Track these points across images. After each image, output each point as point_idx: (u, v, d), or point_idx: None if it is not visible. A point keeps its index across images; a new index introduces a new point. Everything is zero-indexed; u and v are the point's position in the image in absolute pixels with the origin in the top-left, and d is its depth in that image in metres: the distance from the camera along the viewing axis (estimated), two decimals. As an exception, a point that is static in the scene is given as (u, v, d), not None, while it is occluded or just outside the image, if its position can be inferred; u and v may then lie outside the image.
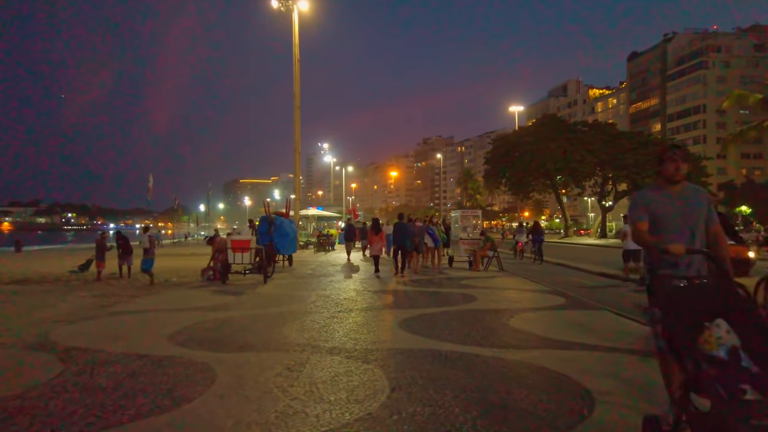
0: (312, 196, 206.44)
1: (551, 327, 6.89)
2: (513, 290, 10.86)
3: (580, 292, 10.88)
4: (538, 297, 9.84)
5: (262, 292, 10.82)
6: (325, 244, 28.70)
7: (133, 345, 5.92)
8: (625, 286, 12.44)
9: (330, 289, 11.16)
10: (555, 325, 7.07)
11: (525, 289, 10.93)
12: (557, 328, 6.84)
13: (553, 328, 6.78)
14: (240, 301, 9.59)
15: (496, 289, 10.97)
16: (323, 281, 12.93)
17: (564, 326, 6.97)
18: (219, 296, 10.27)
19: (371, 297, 9.93)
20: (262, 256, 12.99)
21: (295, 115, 32.25)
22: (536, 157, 49.51)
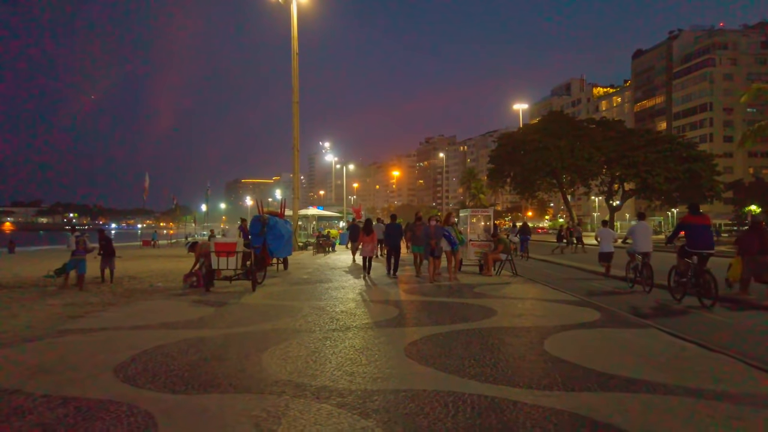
0: (314, 196, 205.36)
1: (598, 354, 5.53)
2: (535, 300, 9.49)
3: (610, 301, 9.50)
4: (567, 309, 8.47)
5: (247, 303, 9.48)
6: (324, 245, 27.37)
7: (65, 382, 4.58)
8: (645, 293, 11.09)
9: (326, 299, 9.82)
10: (601, 350, 5.71)
11: (548, 299, 9.56)
12: (605, 355, 5.49)
13: (601, 356, 5.42)
14: (219, 314, 8.24)
15: (516, 299, 9.60)
16: (319, 288, 11.59)
17: (613, 352, 5.61)
18: (197, 308, 8.94)
19: (373, 309, 8.58)
20: (251, 260, 11.66)
21: (294, 111, 30.98)
22: (543, 155, 48.08)
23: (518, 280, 13.24)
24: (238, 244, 10.85)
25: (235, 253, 10.79)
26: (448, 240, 12.68)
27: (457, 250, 13.24)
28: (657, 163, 44.20)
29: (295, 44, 31.10)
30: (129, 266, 19.53)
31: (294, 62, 31.07)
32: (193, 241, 12.37)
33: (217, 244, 10.85)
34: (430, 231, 12.42)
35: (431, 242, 12.27)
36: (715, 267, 9.30)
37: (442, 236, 12.47)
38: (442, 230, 12.66)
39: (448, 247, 12.80)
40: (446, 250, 12.74)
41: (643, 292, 10.81)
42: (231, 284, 11.62)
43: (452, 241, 12.91)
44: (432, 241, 12.26)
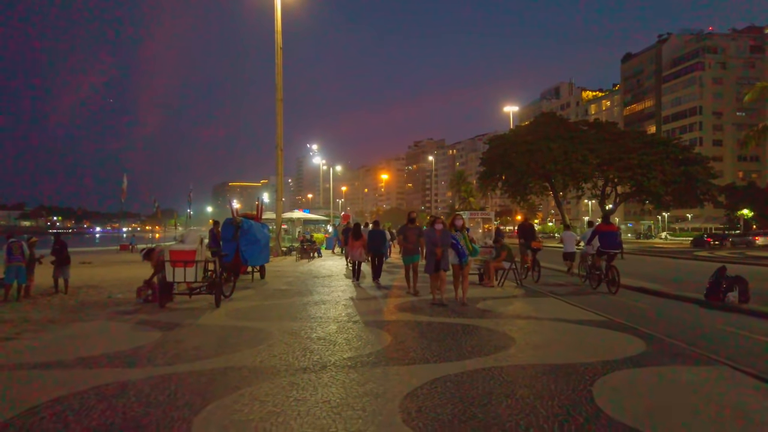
0: (302, 199, 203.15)
1: (673, 411, 3.91)
2: (554, 321, 7.86)
3: (646, 322, 7.92)
4: (599, 335, 6.87)
5: (205, 325, 7.75)
6: (309, 251, 25.64)
7: None
8: (686, 308, 9.56)
9: (302, 318, 8.13)
10: (674, 405, 4.09)
11: (570, 320, 7.94)
12: (683, 412, 3.87)
13: (679, 414, 3.81)
14: (163, 342, 6.51)
15: (531, 319, 7.97)
16: (296, 303, 9.89)
17: (694, 410, 4.00)
18: (140, 332, 7.20)
19: (358, 335, 6.90)
20: (217, 269, 9.92)
21: (278, 109, 29.28)
22: (535, 157, 46.71)
23: (524, 291, 11.64)
24: (198, 252, 9.10)
25: (194, 263, 9.05)
26: (455, 250, 9.62)
27: (467, 264, 9.72)
28: (653, 166, 43.06)
29: (278, 38, 29.46)
30: (96, 273, 17.71)
31: (278, 57, 29.41)
32: (149, 248, 10.59)
33: (172, 252, 9.09)
34: (435, 237, 9.46)
35: (436, 251, 9.36)
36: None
37: (449, 244, 9.56)
38: (449, 236, 9.70)
39: (455, 261, 9.65)
40: (453, 263, 9.67)
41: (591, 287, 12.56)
42: (191, 299, 9.86)
43: (461, 252, 9.59)
44: (438, 249, 9.37)
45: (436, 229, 9.56)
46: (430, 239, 9.53)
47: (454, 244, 9.58)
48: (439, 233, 9.51)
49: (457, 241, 9.57)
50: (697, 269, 19.16)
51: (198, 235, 9.62)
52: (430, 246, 9.47)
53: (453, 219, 9.96)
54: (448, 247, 9.50)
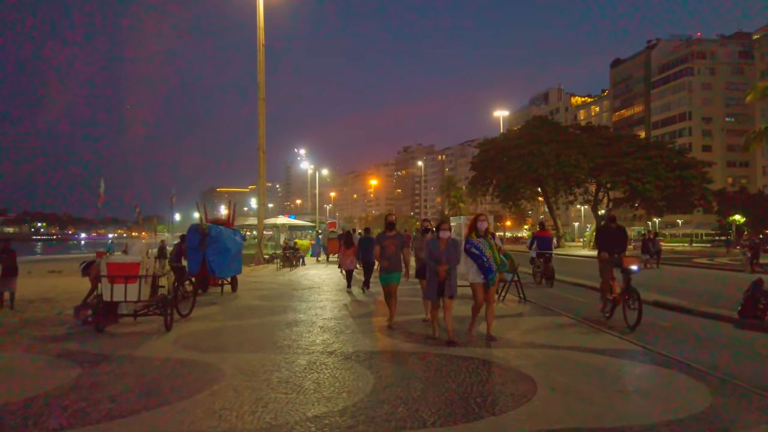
0: (290, 205, 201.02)
1: None
2: (578, 351, 6.36)
3: (691, 353, 6.49)
4: (641, 374, 5.41)
5: (141, 358, 6.17)
6: (291, 259, 24.02)
7: None
8: (723, 330, 8.17)
9: (267, 347, 6.58)
10: None
11: (597, 349, 6.46)
12: None
13: None
14: (73, 388, 4.93)
15: (548, 349, 6.48)
16: (266, 325, 8.34)
17: None
18: (52, 369, 5.62)
19: (332, 374, 5.37)
20: (170, 285, 8.36)
21: (260, 108, 27.78)
22: (527, 162, 45.66)
23: (530, 308, 10.18)
24: (142, 265, 7.51)
25: (137, 278, 7.46)
26: (477, 263, 6.79)
27: (494, 283, 6.94)
28: (647, 170, 42.14)
29: (260, 34, 27.99)
30: (59, 284, 15.99)
31: (260, 54, 27.97)
32: (89, 261, 8.95)
33: (110, 265, 7.49)
34: (439, 249, 6.80)
35: (440, 270, 6.65)
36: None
37: (458, 258, 6.88)
38: (458, 249, 6.98)
39: (478, 278, 6.81)
40: (474, 282, 6.86)
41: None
42: (136, 321, 8.25)
43: (486, 267, 6.75)
44: (441, 267, 6.65)
45: (440, 237, 6.89)
46: (431, 252, 6.82)
47: (477, 255, 6.78)
48: (445, 244, 6.82)
49: (480, 252, 6.76)
50: (704, 277, 17.90)
51: (143, 245, 8.03)
52: (431, 262, 6.80)
53: (475, 220, 7.09)
54: (456, 265, 6.82)
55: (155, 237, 40.44)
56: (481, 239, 6.91)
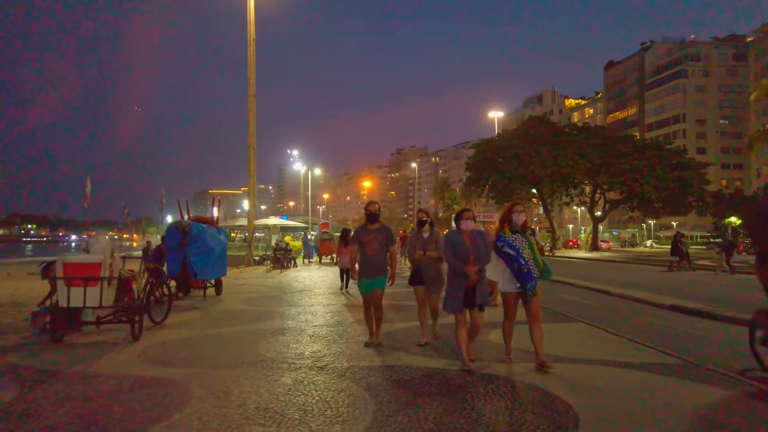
0: (283, 207, 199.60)
1: None
2: (613, 367, 5.46)
3: (735, 366, 5.61)
4: (696, 394, 4.52)
5: (96, 375, 5.18)
6: (282, 260, 23.01)
7: None
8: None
9: (247, 362, 5.62)
10: None
11: (631, 363, 5.54)
12: None
13: None
14: (7, 413, 3.98)
15: (576, 363, 5.56)
16: (249, 333, 7.38)
17: None
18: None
19: (322, 398, 4.43)
20: (139, 288, 7.38)
21: (250, 105, 26.83)
22: (524, 162, 44.93)
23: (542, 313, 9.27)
24: (105, 265, 6.52)
25: (99, 280, 6.47)
26: (512, 266, 5.22)
27: (535, 293, 5.22)
28: (645, 171, 41.51)
29: (251, 28, 27.05)
30: (36, 286, 14.80)
31: (250, 49, 27.01)
32: (50, 261, 7.94)
33: (68, 265, 6.50)
34: (464, 245, 5.22)
35: (469, 270, 5.05)
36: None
37: (489, 255, 5.30)
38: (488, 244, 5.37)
39: (511, 286, 5.30)
40: (506, 291, 5.36)
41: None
42: (100, 330, 7.25)
43: (525, 273, 5.17)
44: (470, 268, 5.06)
45: (462, 229, 5.29)
46: (454, 249, 5.18)
47: (511, 256, 5.13)
48: (470, 238, 5.23)
49: (516, 252, 5.13)
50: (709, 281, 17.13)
51: (108, 242, 7.04)
52: (455, 262, 5.17)
53: (509, 212, 5.38)
54: (485, 266, 5.23)
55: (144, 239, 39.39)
56: (516, 235, 5.25)
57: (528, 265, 5.14)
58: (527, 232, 5.33)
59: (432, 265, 6.44)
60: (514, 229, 5.33)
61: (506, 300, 5.39)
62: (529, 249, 5.20)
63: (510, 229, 5.33)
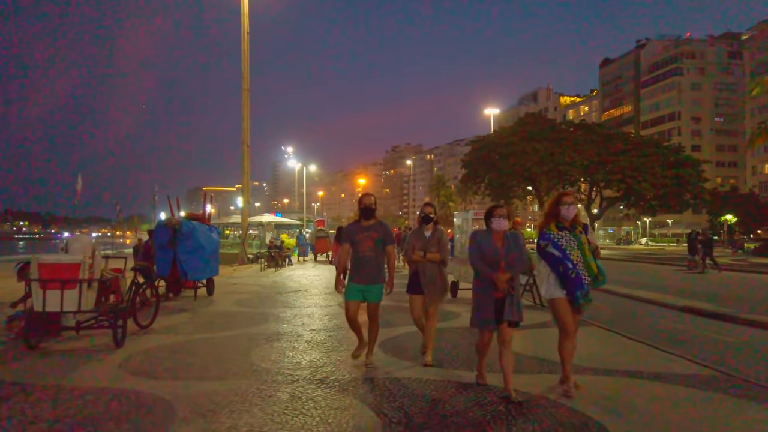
0: (277, 204, 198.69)
1: None
2: (641, 378, 5.00)
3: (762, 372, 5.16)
4: (751, 417, 4.05)
5: (69, 390, 4.65)
6: (276, 258, 22.48)
7: None
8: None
9: (237, 372, 5.12)
10: None
11: (665, 374, 5.09)
12: None
13: None
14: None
15: (601, 374, 5.09)
16: (241, 338, 6.87)
17: None
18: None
19: (323, 419, 3.94)
20: (124, 289, 6.85)
21: (244, 100, 26.23)
22: (521, 160, 44.50)
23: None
24: (83, 266, 5.99)
25: (78, 283, 5.94)
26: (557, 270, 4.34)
27: (589, 301, 4.32)
28: (643, 168, 41.19)
29: (245, 21, 26.46)
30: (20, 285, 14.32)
31: (244, 43, 26.41)
32: (26, 261, 7.38)
33: (43, 266, 5.96)
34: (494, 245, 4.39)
35: (498, 279, 4.25)
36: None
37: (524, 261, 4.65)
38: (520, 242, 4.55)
39: (558, 292, 4.37)
40: (553, 297, 4.41)
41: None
42: (80, 335, 6.72)
43: (573, 277, 4.27)
44: (500, 276, 4.25)
45: (493, 229, 4.40)
46: (481, 252, 4.33)
47: (557, 258, 4.28)
48: (501, 240, 4.38)
49: (563, 253, 4.29)
50: (714, 281, 16.76)
51: (89, 241, 6.49)
52: (481, 267, 4.34)
53: (557, 202, 4.48)
54: (518, 275, 4.46)
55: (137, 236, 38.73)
56: (564, 233, 4.37)
57: (576, 269, 4.26)
58: (577, 229, 4.42)
59: (433, 269, 5.46)
60: (561, 225, 4.43)
61: (556, 306, 4.38)
62: (579, 249, 4.33)
63: (556, 225, 4.43)
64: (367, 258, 5.21)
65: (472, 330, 7.20)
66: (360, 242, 5.24)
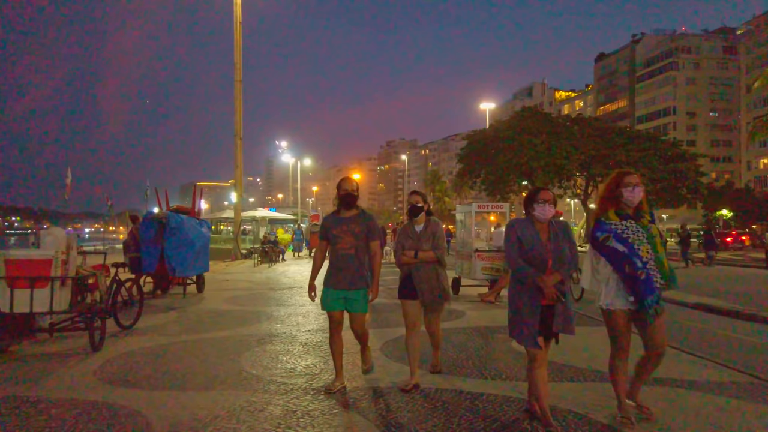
0: (272, 199, 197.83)
1: None
2: (681, 389, 4.52)
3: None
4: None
5: (33, 402, 4.11)
6: (270, 254, 21.93)
7: None
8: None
9: (225, 381, 4.61)
10: None
11: (696, 381, 4.63)
12: None
13: None
14: None
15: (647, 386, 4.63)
16: (231, 340, 6.36)
17: None
18: None
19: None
20: (103, 287, 6.32)
21: (236, 91, 25.64)
22: (517, 154, 44.08)
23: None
24: (56, 262, 5.45)
25: (49, 281, 5.41)
26: (620, 270, 3.44)
27: (661, 312, 3.40)
28: (640, 163, 40.88)
29: (237, 11, 25.82)
30: None
31: (236, 33, 25.81)
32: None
33: (10, 262, 5.41)
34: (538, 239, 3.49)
35: (545, 282, 3.37)
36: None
37: (576, 259, 3.61)
38: (571, 235, 3.64)
39: (620, 301, 3.47)
40: (614, 308, 3.50)
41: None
42: (53, 339, 6.18)
43: (643, 279, 3.36)
44: (547, 278, 3.39)
45: (535, 216, 3.52)
46: (519, 246, 3.50)
47: (624, 256, 3.40)
48: (547, 233, 3.53)
49: (629, 248, 3.41)
50: (715, 274, 16.39)
51: (63, 235, 5.94)
52: (521, 267, 3.48)
53: (618, 182, 3.54)
54: (568, 276, 3.55)
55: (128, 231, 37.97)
56: (629, 222, 3.46)
57: (647, 269, 3.32)
58: (645, 218, 3.49)
59: (428, 272, 4.43)
60: (623, 213, 3.49)
61: (616, 320, 3.46)
62: (649, 243, 3.39)
63: (617, 212, 3.50)
64: (348, 257, 4.25)
65: (482, 331, 6.77)
66: (338, 237, 4.29)
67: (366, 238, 4.29)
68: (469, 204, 11.44)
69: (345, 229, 4.29)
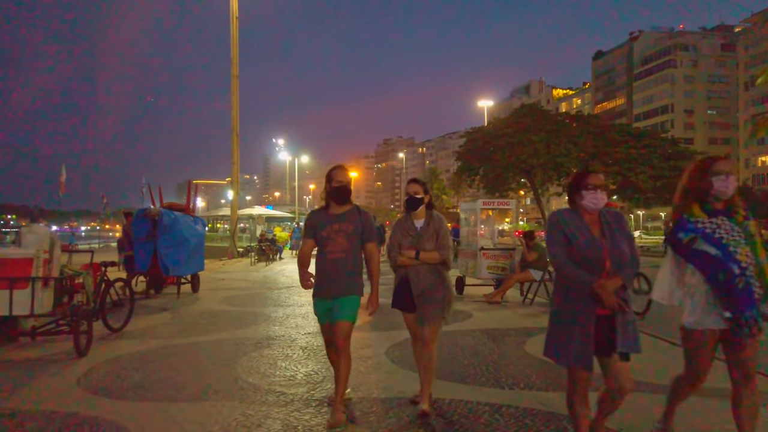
0: (269, 198, 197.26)
1: None
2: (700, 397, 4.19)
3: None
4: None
5: (12, 415, 3.77)
6: (267, 252, 21.56)
7: None
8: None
9: (217, 393, 4.25)
10: None
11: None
12: None
13: None
14: None
15: (654, 391, 4.27)
16: (226, 343, 5.99)
17: None
18: None
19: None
20: (89, 288, 5.95)
21: (233, 86, 25.23)
22: (516, 151, 43.82)
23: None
24: (37, 262, 5.08)
25: (29, 281, 5.04)
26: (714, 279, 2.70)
27: (760, 331, 2.66)
28: (640, 160, 40.69)
29: (234, 6, 25.41)
30: None
31: (233, 27, 25.41)
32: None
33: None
34: (589, 233, 2.77)
35: (602, 288, 2.63)
36: None
37: (636, 256, 2.85)
38: (626, 227, 2.89)
39: (710, 318, 2.73)
40: (703, 328, 2.77)
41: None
42: (36, 343, 5.80)
43: (741, 288, 2.64)
44: (605, 283, 2.65)
45: (585, 208, 2.80)
46: (570, 246, 2.76)
47: (717, 261, 2.66)
48: (599, 226, 2.82)
49: (725, 252, 2.67)
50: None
51: (45, 232, 5.56)
52: (574, 273, 2.73)
53: (706, 170, 2.77)
54: (631, 280, 2.89)
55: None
56: (720, 219, 2.76)
57: (746, 276, 2.65)
58: (739, 213, 2.77)
59: (430, 276, 3.74)
60: (710, 208, 2.79)
61: (696, 342, 2.82)
62: (747, 245, 2.69)
63: (704, 208, 2.80)
64: (338, 261, 3.58)
65: (491, 334, 6.41)
66: (328, 238, 3.61)
67: (361, 239, 3.67)
68: (474, 200, 11.06)
69: (336, 229, 3.61)
